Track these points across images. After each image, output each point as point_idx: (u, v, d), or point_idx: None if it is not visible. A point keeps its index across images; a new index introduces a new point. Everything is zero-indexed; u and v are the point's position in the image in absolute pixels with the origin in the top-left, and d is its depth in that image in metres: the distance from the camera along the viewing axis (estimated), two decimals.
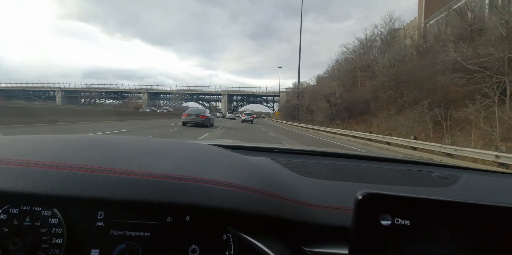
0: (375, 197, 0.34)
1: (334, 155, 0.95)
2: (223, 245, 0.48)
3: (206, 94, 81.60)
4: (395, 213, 0.33)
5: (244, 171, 0.54)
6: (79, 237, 0.45)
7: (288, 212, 0.48)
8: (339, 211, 0.51)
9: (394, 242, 0.33)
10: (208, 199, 0.42)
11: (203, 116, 13.28)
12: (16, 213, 0.45)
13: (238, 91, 79.69)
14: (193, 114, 13.37)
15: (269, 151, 0.91)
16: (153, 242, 0.46)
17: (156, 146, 0.59)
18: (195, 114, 13.46)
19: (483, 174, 0.88)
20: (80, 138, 0.57)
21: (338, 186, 0.61)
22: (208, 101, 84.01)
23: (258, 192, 0.47)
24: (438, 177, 0.74)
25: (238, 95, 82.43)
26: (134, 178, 0.41)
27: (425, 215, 0.33)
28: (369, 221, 0.33)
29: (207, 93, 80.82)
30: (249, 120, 27.09)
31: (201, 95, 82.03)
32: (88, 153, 0.47)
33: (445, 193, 0.64)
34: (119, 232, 0.45)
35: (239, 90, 79.84)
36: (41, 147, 0.48)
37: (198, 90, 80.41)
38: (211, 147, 0.67)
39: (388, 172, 0.78)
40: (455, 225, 0.33)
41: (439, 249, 0.33)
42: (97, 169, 0.41)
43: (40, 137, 0.55)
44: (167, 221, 0.47)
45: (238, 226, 0.45)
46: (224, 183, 0.45)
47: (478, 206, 0.33)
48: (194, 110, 14.40)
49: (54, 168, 0.40)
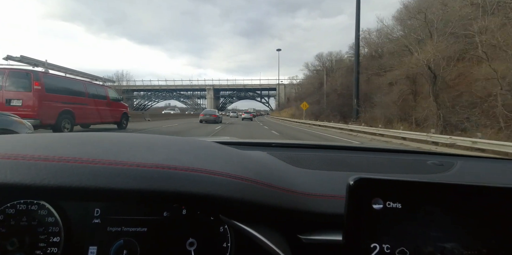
0: (367, 182, 0.35)
1: (330, 147, 0.96)
2: (220, 237, 0.48)
3: (188, 90, 69.69)
4: (386, 196, 0.35)
5: (238, 163, 0.54)
6: (76, 235, 0.45)
7: (282, 201, 0.48)
8: (334, 199, 0.51)
9: (387, 225, 0.35)
10: (198, 187, 0.41)
11: (214, 115, 18.44)
12: (13, 213, 0.45)
13: (226, 85, 68.22)
14: (207, 114, 18.48)
15: (266, 146, 0.91)
16: (151, 237, 0.46)
17: (149, 140, 0.59)
18: (208, 114, 18.61)
19: (478, 160, 0.89)
20: (73, 135, 0.57)
21: (332, 175, 0.61)
22: (188, 97, 70.60)
23: (252, 181, 0.47)
24: (434, 164, 0.74)
25: (227, 90, 70.54)
26: (123, 168, 0.41)
27: (416, 198, 0.35)
28: (361, 205, 0.35)
29: (189, 89, 68.87)
30: (248, 118, 30.82)
31: (181, 91, 69.53)
32: (78, 147, 0.47)
33: (440, 179, 0.64)
34: (116, 229, 0.46)
35: (227, 84, 68.22)
36: (31, 144, 0.48)
37: (178, 85, 68.02)
38: (206, 142, 0.66)
39: (383, 162, 0.78)
40: (447, 207, 0.34)
41: (432, 231, 0.34)
42: (86, 160, 0.41)
43: (33, 135, 0.56)
44: (164, 216, 0.47)
45: (233, 216, 0.45)
46: (216, 172, 0.45)
47: (469, 187, 0.34)
48: (208, 111, 19.89)
49: (42, 160, 0.40)
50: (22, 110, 6.26)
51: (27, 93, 6.44)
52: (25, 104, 6.40)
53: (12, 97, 6.42)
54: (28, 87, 6.46)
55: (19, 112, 6.00)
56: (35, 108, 6.44)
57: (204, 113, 18.78)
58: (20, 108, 6.30)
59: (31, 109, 6.40)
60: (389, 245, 0.34)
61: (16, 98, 6.42)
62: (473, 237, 0.34)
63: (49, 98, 6.79)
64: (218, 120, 18.63)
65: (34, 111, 6.41)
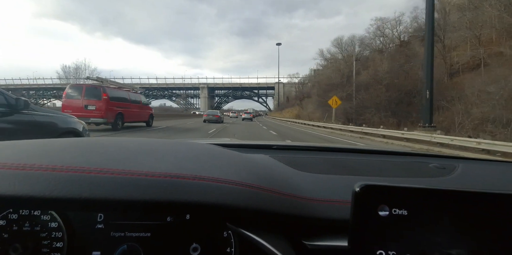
0: (372, 189, 0.35)
1: (332, 149, 0.97)
2: (224, 243, 0.48)
3: (180, 88, 68.24)
4: (392, 203, 0.34)
5: (242, 168, 0.54)
6: (79, 240, 0.45)
7: (287, 207, 0.48)
8: (338, 204, 0.51)
9: (393, 232, 0.34)
10: (206, 196, 0.42)
11: (217, 116, 20.89)
12: (16, 219, 0.44)
13: (221, 84, 67.61)
14: (211, 115, 21.21)
15: (267, 148, 0.92)
16: (154, 242, 0.46)
17: (154, 146, 0.60)
18: (211, 114, 21.23)
19: (480, 163, 0.89)
20: (78, 141, 0.58)
21: (336, 180, 0.61)
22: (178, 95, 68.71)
23: (256, 188, 0.47)
24: (435, 167, 0.74)
25: (222, 89, 68.95)
26: (132, 177, 0.41)
27: (422, 205, 0.34)
28: (367, 212, 0.35)
29: (182, 87, 67.63)
30: (248, 118, 31.96)
31: (173, 89, 68.57)
32: (85, 155, 0.47)
33: (443, 183, 0.64)
34: (120, 234, 0.45)
35: (222, 83, 67.75)
36: (38, 151, 0.48)
37: (170, 83, 66.73)
38: (209, 146, 0.67)
39: (386, 165, 0.79)
40: (453, 213, 0.34)
41: (438, 238, 0.34)
42: (93, 170, 0.41)
43: (38, 142, 0.56)
44: (167, 221, 0.47)
45: (237, 222, 0.45)
46: (222, 180, 0.45)
47: (474, 194, 0.34)
48: (211, 112, 22.80)
49: (50, 170, 0.40)
50: (95, 113, 9.38)
51: (98, 101, 9.51)
52: (97, 108, 9.48)
53: (88, 104, 9.48)
54: (99, 96, 9.54)
55: (93, 113, 9.22)
56: (103, 111, 9.52)
57: (207, 114, 21.55)
58: (94, 111, 9.39)
59: (101, 112, 9.48)
60: (395, 251, 0.34)
61: (91, 104, 9.48)
62: (479, 244, 0.34)
63: (111, 104, 9.89)
64: (220, 120, 20.89)
65: (103, 113, 9.49)
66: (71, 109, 9.00)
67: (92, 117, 9.28)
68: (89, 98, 9.53)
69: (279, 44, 56.92)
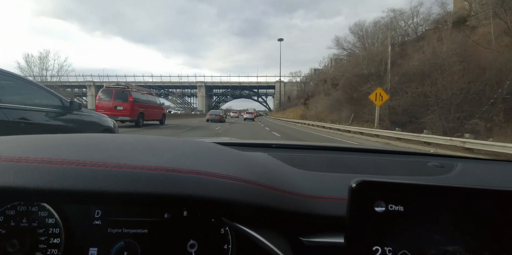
0: (369, 185, 0.35)
1: (331, 148, 0.97)
2: (221, 239, 0.48)
3: (177, 87, 66.40)
4: (388, 199, 0.34)
5: (240, 165, 0.54)
6: (76, 236, 0.45)
7: (284, 203, 0.48)
8: (336, 201, 0.51)
9: (389, 228, 0.35)
10: (202, 190, 0.42)
11: (219, 115, 21.95)
12: (13, 215, 0.44)
13: (220, 82, 65.23)
14: (213, 114, 22.19)
15: (266, 147, 0.93)
16: (152, 239, 0.46)
17: (152, 143, 0.59)
18: (214, 114, 22.24)
19: (478, 162, 0.90)
20: (74, 137, 0.57)
21: (334, 177, 0.62)
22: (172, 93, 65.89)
23: (253, 183, 0.47)
24: (434, 166, 0.75)
25: (220, 88, 67.43)
26: (127, 171, 0.41)
27: (418, 201, 0.35)
28: (364, 208, 0.35)
29: (178, 86, 65.87)
30: (250, 118, 32.69)
31: (170, 88, 66.80)
32: (82, 150, 0.47)
33: (441, 181, 0.64)
34: (117, 230, 0.45)
35: (221, 81, 65.52)
36: (34, 146, 0.48)
37: (166, 81, 63.99)
38: (207, 144, 0.67)
39: (384, 163, 0.79)
40: (449, 210, 0.34)
41: (434, 234, 0.34)
42: (89, 163, 0.41)
43: (34, 137, 0.56)
44: (165, 218, 0.47)
45: (234, 218, 0.45)
46: (219, 175, 0.45)
47: (470, 190, 0.34)
48: (214, 111, 23.82)
49: (45, 163, 0.40)
50: (123, 112, 11.26)
51: (125, 102, 11.38)
52: (125, 109, 11.35)
53: (117, 105, 11.34)
54: (126, 99, 11.40)
55: (121, 113, 11.07)
56: (130, 111, 11.39)
57: (210, 114, 22.65)
58: (122, 111, 11.27)
59: (127, 112, 11.36)
60: (391, 248, 0.34)
61: (119, 105, 11.33)
62: (476, 240, 0.34)
63: (136, 105, 11.77)
64: (222, 120, 21.95)
65: (129, 113, 11.38)
66: (103, 109, 10.84)
67: (121, 116, 11.11)
68: (118, 100, 11.41)
69: (281, 40, 55.18)
